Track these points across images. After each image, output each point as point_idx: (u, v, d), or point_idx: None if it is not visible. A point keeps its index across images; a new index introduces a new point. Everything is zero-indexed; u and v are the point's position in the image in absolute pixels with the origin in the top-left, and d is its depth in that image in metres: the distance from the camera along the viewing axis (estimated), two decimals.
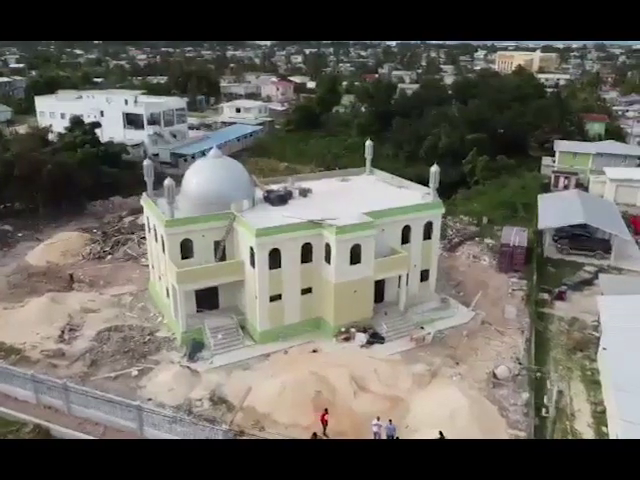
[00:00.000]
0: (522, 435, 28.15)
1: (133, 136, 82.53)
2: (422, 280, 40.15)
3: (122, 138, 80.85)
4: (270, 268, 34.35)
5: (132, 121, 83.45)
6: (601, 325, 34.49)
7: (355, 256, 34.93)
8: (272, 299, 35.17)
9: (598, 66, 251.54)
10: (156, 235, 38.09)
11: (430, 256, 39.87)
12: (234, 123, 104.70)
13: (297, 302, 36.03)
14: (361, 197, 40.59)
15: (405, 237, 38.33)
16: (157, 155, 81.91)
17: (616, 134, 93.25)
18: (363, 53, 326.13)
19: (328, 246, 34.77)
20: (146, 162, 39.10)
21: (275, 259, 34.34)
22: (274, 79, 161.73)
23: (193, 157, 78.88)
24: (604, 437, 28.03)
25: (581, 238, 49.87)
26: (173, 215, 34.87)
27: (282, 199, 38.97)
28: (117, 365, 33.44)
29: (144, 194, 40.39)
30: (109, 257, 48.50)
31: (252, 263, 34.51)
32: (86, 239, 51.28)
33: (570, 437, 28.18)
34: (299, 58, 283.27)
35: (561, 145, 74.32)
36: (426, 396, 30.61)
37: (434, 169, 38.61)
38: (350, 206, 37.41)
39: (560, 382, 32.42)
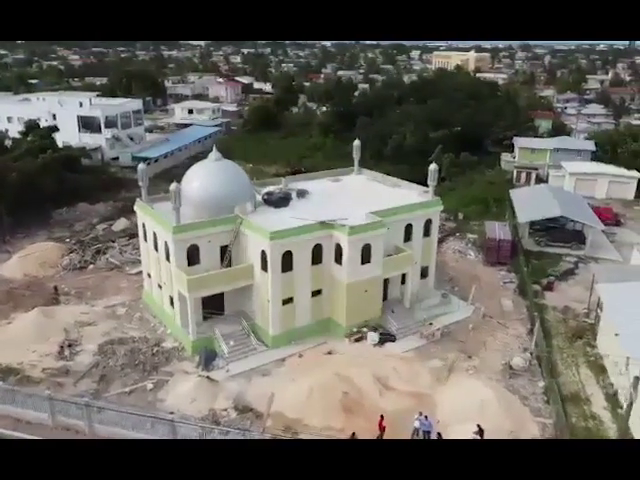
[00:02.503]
0: (548, 422, 29.17)
1: (89, 140, 79.03)
2: (422, 277, 40.77)
3: (77, 142, 77.28)
4: (282, 271, 33.91)
5: (87, 124, 79.92)
6: (602, 312, 36.30)
7: (365, 256, 35.04)
8: (284, 302, 34.75)
9: (527, 65, 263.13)
10: (156, 242, 36.73)
11: (430, 253, 40.57)
12: (189, 125, 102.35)
13: (308, 304, 35.77)
14: (359, 197, 40.74)
15: (407, 235, 38.82)
16: (116, 159, 79.03)
17: (561, 130, 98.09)
18: (301, 53, 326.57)
19: (339, 247, 34.70)
20: (140, 166, 37.65)
21: (287, 262, 33.93)
22: (220, 79, 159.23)
23: (156, 160, 76.75)
24: (620, 418, 29.47)
25: (557, 230, 52.19)
26: (179, 221, 33.72)
27: (284, 201, 38.53)
28: (129, 379, 32.05)
29: (138, 200, 38.87)
30: (91, 267, 46.32)
31: (264, 267, 33.93)
32: (62, 249, 48.75)
33: (590, 420, 29.49)
34: (238, 58, 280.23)
35: (520, 141, 77.47)
36: (450, 390, 31.16)
37: (433, 167, 39.32)
38: (351, 206, 37.47)
39: (568, 368, 33.90)
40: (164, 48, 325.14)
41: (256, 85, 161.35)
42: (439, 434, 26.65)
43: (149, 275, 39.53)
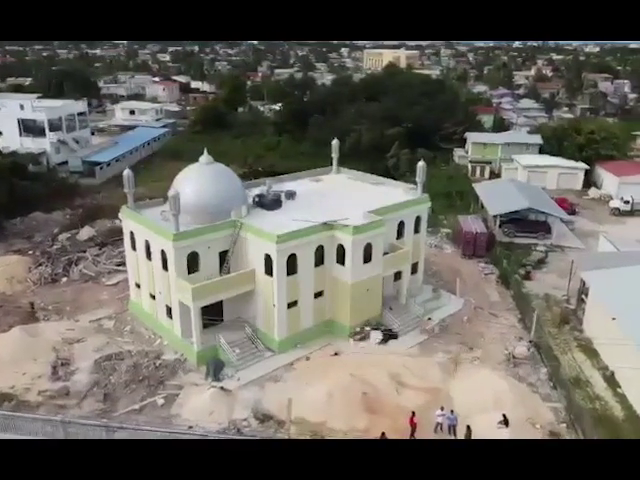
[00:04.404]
0: (559, 406, 30.42)
1: (31, 144, 74.38)
2: (412, 273, 41.26)
3: (18, 147, 72.68)
4: (287, 274, 33.41)
5: (29, 128, 75.19)
6: (587, 297, 38.25)
7: (367, 255, 35.12)
8: (289, 306, 34.27)
9: (453, 62, 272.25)
10: (148, 251, 35.15)
11: (419, 249, 41.17)
12: (132, 126, 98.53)
13: (310, 306, 35.44)
14: (347, 196, 40.74)
15: (399, 232, 39.22)
16: (63, 164, 74.87)
17: (502, 125, 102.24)
18: (230, 51, 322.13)
19: (341, 247, 34.57)
20: (126, 172, 35.92)
21: (291, 265, 33.47)
22: (156, 79, 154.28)
23: (108, 165, 73.48)
24: (622, 397, 31.21)
25: (523, 221, 54.39)
26: (178, 228, 32.44)
27: (277, 203, 37.95)
28: (135, 396, 30.58)
29: (124, 207, 37.06)
30: (64, 280, 43.74)
31: (268, 271, 33.29)
32: (28, 262, 45.75)
33: (596, 402, 30.96)
34: (167, 56, 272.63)
35: (472, 137, 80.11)
36: (462, 383, 31.83)
37: (421, 164, 39.92)
38: (343, 206, 37.49)
39: (564, 354, 35.48)
40: (85, 46, 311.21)
41: (193, 84, 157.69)
42: (468, 426, 27.11)
43: (138, 285, 37.80)
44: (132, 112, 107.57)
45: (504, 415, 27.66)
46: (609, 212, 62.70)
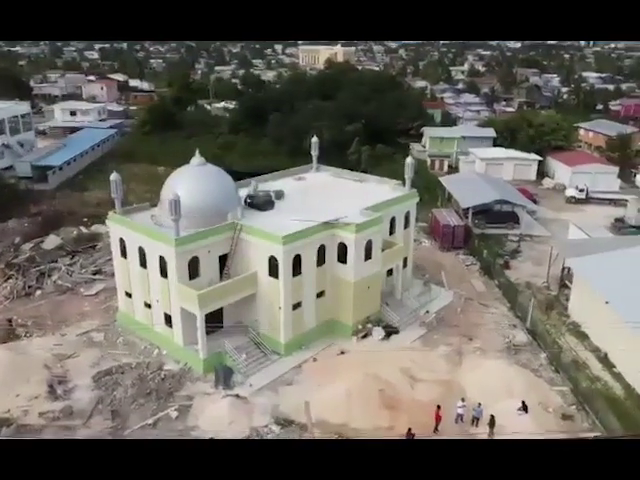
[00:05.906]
0: (565, 389, 31.61)
1: None
2: (402, 268, 41.65)
3: None
4: (292, 275, 32.90)
5: None
6: (572, 284, 39.92)
7: (367, 252, 35.11)
8: (293, 307, 33.76)
9: (387, 58, 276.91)
10: (143, 258, 33.58)
11: (408, 244, 41.57)
12: (76, 128, 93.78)
13: (313, 307, 35.07)
14: (336, 194, 40.52)
15: (391, 228, 39.45)
16: (7, 169, 70.34)
17: (448, 119, 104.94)
18: (161, 48, 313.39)
19: (342, 246, 34.38)
20: (113, 176, 34.14)
21: (296, 266, 32.96)
22: (92, 77, 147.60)
23: (60, 169, 69.73)
24: (619, 377, 32.81)
25: (493, 213, 56.06)
26: (179, 232, 31.19)
27: (270, 204, 37.24)
28: (146, 410, 29.23)
29: (111, 213, 35.23)
30: (38, 292, 41.13)
31: (272, 273, 32.63)
32: None
33: (597, 383, 32.36)
34: (95, 54, 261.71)
35: (429, 131, 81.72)
36: (471, 373, 32.39)
37: (409, 160, 40.29)
38: (335, 204, 37.29)
39: (557, 338, 36.90)
40: (2, 44, 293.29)
41: (131, 82, 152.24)
42: (492, 416, 27.66)
43: (128, 295, 36.08)
44: (73, 113, 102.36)
45: (523, 402, 28.43)
46: (565, 200, 65.74)
